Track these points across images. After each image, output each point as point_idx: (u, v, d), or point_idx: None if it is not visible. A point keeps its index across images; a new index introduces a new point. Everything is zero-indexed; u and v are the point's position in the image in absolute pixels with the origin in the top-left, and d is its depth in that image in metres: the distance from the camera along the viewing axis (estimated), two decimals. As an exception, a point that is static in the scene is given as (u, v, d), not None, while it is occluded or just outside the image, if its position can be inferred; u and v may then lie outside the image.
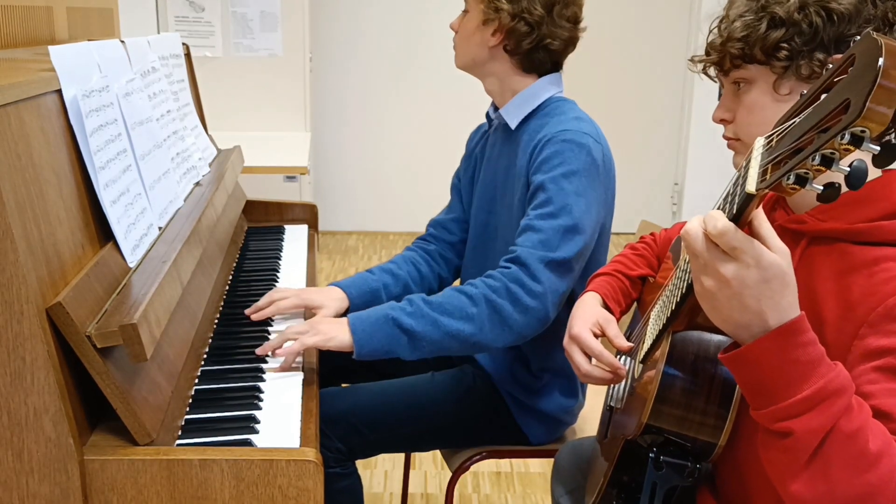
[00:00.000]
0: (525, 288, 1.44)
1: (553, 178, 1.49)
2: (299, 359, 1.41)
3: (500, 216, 1.69)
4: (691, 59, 1.10)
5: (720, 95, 1.10)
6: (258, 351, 1.40)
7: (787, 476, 0.83)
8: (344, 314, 1.59)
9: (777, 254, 0.79)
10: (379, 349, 1.42)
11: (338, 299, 1.64)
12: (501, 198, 1.68)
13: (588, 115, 1.62)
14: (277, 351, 1.39)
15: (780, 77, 0.98)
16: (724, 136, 1.09)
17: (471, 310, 1.43)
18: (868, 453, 0.79)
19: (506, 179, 1.67)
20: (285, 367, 1.36)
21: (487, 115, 1.77)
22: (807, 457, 0.80)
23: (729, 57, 1.02)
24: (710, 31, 1.06)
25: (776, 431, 0.83)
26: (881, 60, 0.63)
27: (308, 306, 1.59)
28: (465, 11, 1.66)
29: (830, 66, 0.90)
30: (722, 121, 1.08)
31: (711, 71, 1.08)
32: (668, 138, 5.00)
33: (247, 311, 1.56)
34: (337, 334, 1.41)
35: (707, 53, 1.06)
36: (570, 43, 1.65)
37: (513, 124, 1.66)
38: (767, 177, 0.74)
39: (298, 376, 1.35)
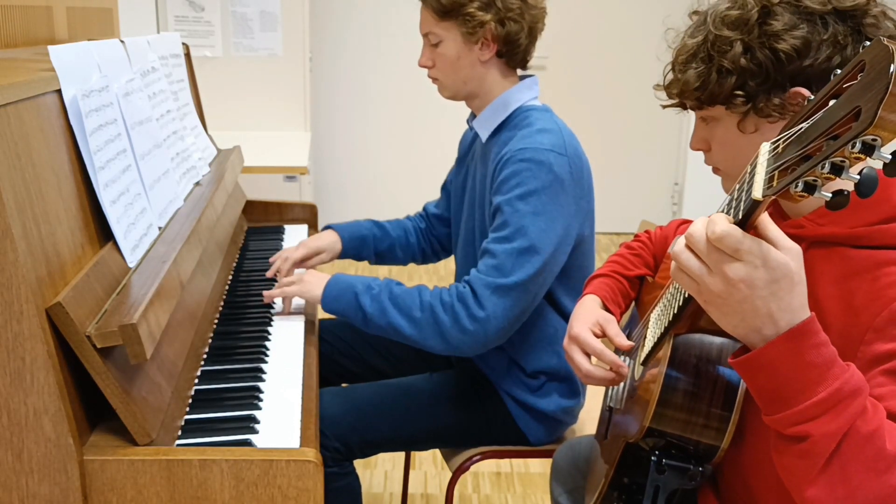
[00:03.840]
0: (468, 310, 1.50)
1: (509, 201, 1.50)
2: (300, 352, 1.41)
3: (479, 225, 1.70)
4: (656, 87, 1.09)
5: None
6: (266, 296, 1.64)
7: (803, 482, 0.81)
8: (339, 256, 1.91)
9: (786, 253, 0.78)
10: (340, 313, 1.58)
11: (334, 241, 1.90)
12: (479, 208, 1.69)
13: (559, 122, 1.59)
14: (272, 294, 1.63)
15: (742, 118, 0.98)
16: (706, 164, 1.09)
17: (416, 313, 1.52)
18: (886, 454, 0.78)
19: (482, 189, 1.67)
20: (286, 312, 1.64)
21: (468, 122, 1.77)
22: (823, 461, 0.79)
23: (685, 102, 1.03)
24: (665, 75, 1.05)
25: (791, 436, 0.81)
26: (893, 67, 0.62)
27: (315, 252, 1.84)
28: (433, 45, 1.62)
29: (792, 101, 0.91)
30: (699, 149, 1.08)
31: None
32: (668, 138, 5.00)
33: (268, 274, 1.81)
34: (313, 291, 1.59)
35: (668, 92, 1.06)
36: (545, 15, 1.65)
37: (484, 137, 1.65)
38: (774, 183, 0.72)
39: (298, 376, 1.35)
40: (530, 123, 1.57)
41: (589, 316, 1.27)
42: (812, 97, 0.92)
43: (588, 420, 1.78)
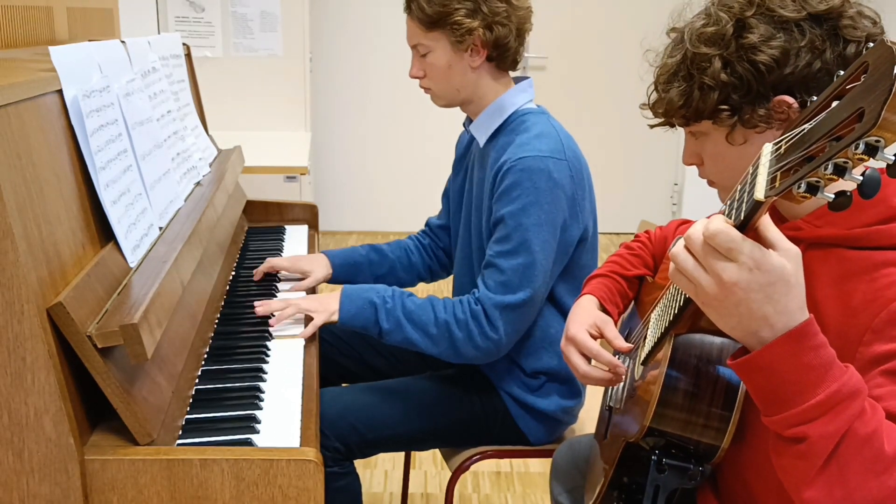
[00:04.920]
0: (481, 329, 1.54)
1: (512, 213, 1.51)
2: (300, 352, 1.41)
3: (475, 227, 1.70)
4: (642, 107, 1.10)
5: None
6: (259, 309, 1.57)
7: (801, 483, 0.81)
8: (330, 281, 1.88)
9: (784, 255, 0.78)
10: (358, 328, 1.60)
11: (324, 265, 1.86)
12: (476, 210, 1.69)
13: (556, 125, 1.60)
14: (305, 331, 1.54)
15: (730, 131, 0.98)
16: (701, 177, 1.09)
17: (431, 329, 1.56)
18: (884, 455, 0.78)
19: (479, 193, 1.68)
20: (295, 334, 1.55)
21: (465, 125, 1.77)
22: (822, 462, 0.79)
23: (671, 121, 1.04)
24: (649, 94, 1.06)
25: (790, 437, 0.81)
26: None
27: (299, 270, 1.82)
28: (422, 55, 1.63)
29: (778, 109, 0.91)
30: (692, 164, 1.08)
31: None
32: (667, 138, 4.98)
33: (255, 272, 1.80)
34: (334, 311, 1.57)
35: (653, 112, 1.07)
36: (531, 15, 1.64)
37: (482, 141, 1.66)
38: (777, 184, 0.72)
39: (298, 376, 1.36)
40: (527, 129, 1.57)
41: (586, 317, 1.28)
42: (796, 104, 0.93)
43: (588, 420, 1.78)
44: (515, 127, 1.60)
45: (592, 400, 1.78)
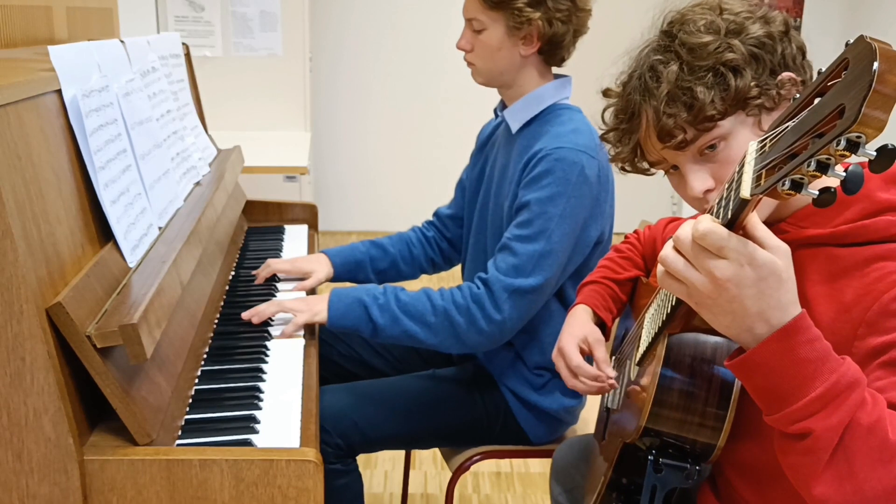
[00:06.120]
0: (485, 312, 1.51)
1: (539, 200, 1.51)
2: (300, 352, 1.42)
3: (493, 214, 1.70)
4: (612, 160, 1.10)
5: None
6: (245, 315, 1.55)
7: (810, 479, 0.81)
8: (332, 280, 1.86)
9: (774, 252, 0.78)
10: (348, 327, 1.56)
11: (325, 265, 1.85)
12: (495, 197, 1.69)
13: (589, 124, 1.60)
14: (286, 330, 1.52)
15: (758, 115, 0.97)
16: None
17: (430, 318, 1.53)
18: (890, 444, 0.78)
19: (500, 179, 1.68)
20: (286, 335, 1.52)
21: (496, 111, 1.78)
22: (828, 456, 0.79)
23: (699, 127, 0.97)
24: (661, 116, 0.99)
25: (794, 434, 0.81)
26: (876, 64, 0.62)
27: (300, 272, 1.80)
28: (475, 31, 1.61)
29: (785, 86, 0.94)
30: (707, 192, 1.01)
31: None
32: (668, 138, 5.00)
33: (257, 276, 1.78)
34: (320, 311, 1.55)
35: (661, 138, 1.01)
36: (589, 18, 1.65)
37: (514, 128, 1.66)
38: (762, 182, 0.73)
39: (298, 376, 1.36)
40: (563, 123, 1.59)
41: (578, 331, 1.31)
42: (800, 80, 0.95)
43: (589, 419, 1.79)
44: (551, 119, 1.61)
45: (593, 400, 1.78)
